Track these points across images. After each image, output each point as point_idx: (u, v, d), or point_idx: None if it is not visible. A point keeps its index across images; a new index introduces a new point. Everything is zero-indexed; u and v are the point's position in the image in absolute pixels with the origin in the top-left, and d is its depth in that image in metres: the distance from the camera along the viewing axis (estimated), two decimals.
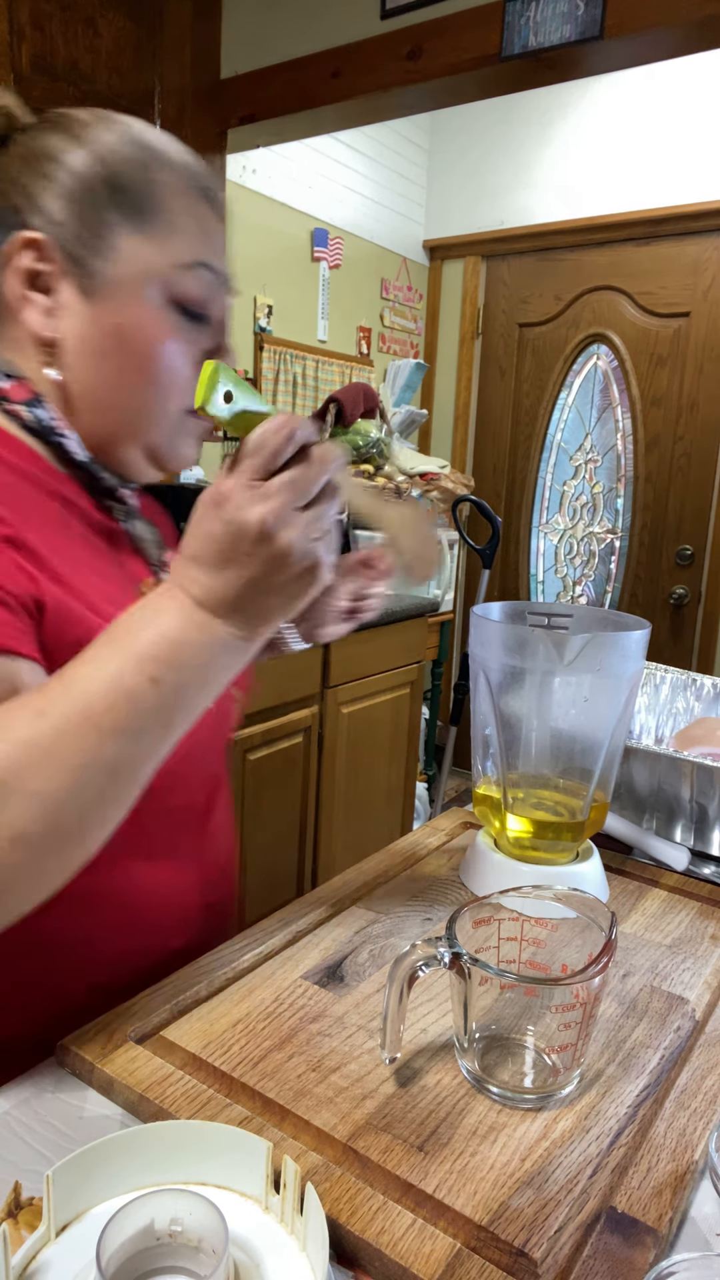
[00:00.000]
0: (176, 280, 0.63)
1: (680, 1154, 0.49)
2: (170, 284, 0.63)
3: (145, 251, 0.63)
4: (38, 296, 0.63)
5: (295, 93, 2.06)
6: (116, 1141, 0.44)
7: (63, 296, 0.63)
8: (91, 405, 0.65)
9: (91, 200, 0.62)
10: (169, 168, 0.64)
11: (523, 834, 0.75)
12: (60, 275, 0.62)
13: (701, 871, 0.87)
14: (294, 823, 2.15)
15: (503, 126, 3.13)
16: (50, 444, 0.65)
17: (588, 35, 1.68)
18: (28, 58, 1.72)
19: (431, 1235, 0.43)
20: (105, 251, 0.62)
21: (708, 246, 2.85)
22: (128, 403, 0.65)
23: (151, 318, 0.63)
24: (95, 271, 0.62)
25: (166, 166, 0.64)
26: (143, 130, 0.65)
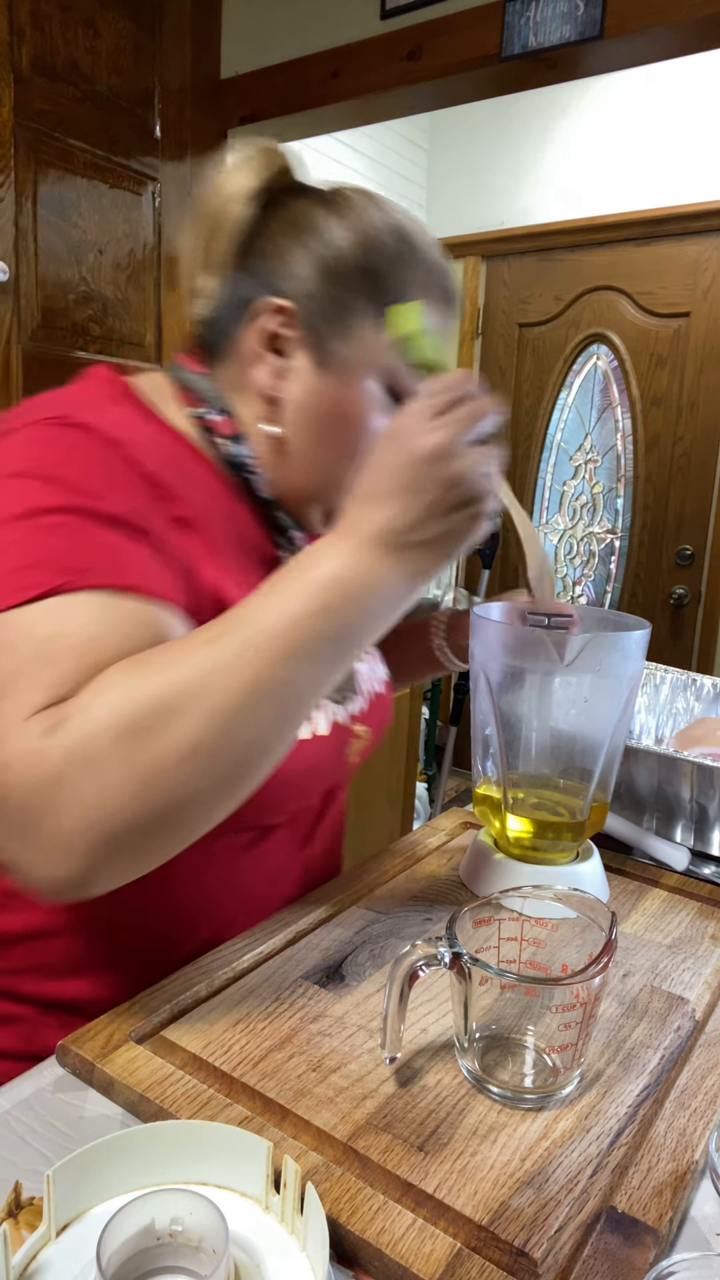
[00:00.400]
0: (399, 373, 0.68)
1: (680, 1154, 0.49)
2: (393, 374, 0.68)
3: (381, 341, 0.67)
4: (271, 357, 0.68)
5: (295, 93, 2.07)
6: (117, 1141, 0.44)
7: (295, 363, 0.68)
8: (296, 462, 0.70)
9: (343, 283, 0.66)
10: (421, 267, 0.68)
11: (523, 834, 0.75)
12: (298, 343, 0.67)
13: (701, 871, 0.87)
14: None
15: (503, 126, 3.13)
16: (241, 478, 0.70)
17: (588, 35, 1.68)
18: (28, 58, 1.72)
19: (432, 1235, 0.43)
20: (345, 334, 0.67)
21: (708, 246, 2.85)
22: (327, 469, 0.70)
23: (368, 399, 0.68)
24: (332, 350, 0.67)
25: (420, 265, 0.68)
26: (404, 221, 0.68)
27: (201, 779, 0.48)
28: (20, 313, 1.78)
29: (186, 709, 0.47)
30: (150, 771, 0.47)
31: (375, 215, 0.68)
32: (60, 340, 1.86)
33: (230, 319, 0.69)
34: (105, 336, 1.97)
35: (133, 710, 0.47)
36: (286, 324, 0.67)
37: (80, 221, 1.87)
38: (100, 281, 1.94)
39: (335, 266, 0.66)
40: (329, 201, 0.68)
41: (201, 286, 0.71)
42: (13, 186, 1.73)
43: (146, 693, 0.47)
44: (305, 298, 0.66)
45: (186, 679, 0.48)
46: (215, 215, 0.69)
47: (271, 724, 0.51)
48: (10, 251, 1.75)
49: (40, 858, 0.47)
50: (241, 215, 0.68)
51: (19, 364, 1.77)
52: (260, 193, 0.68)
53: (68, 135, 1.82)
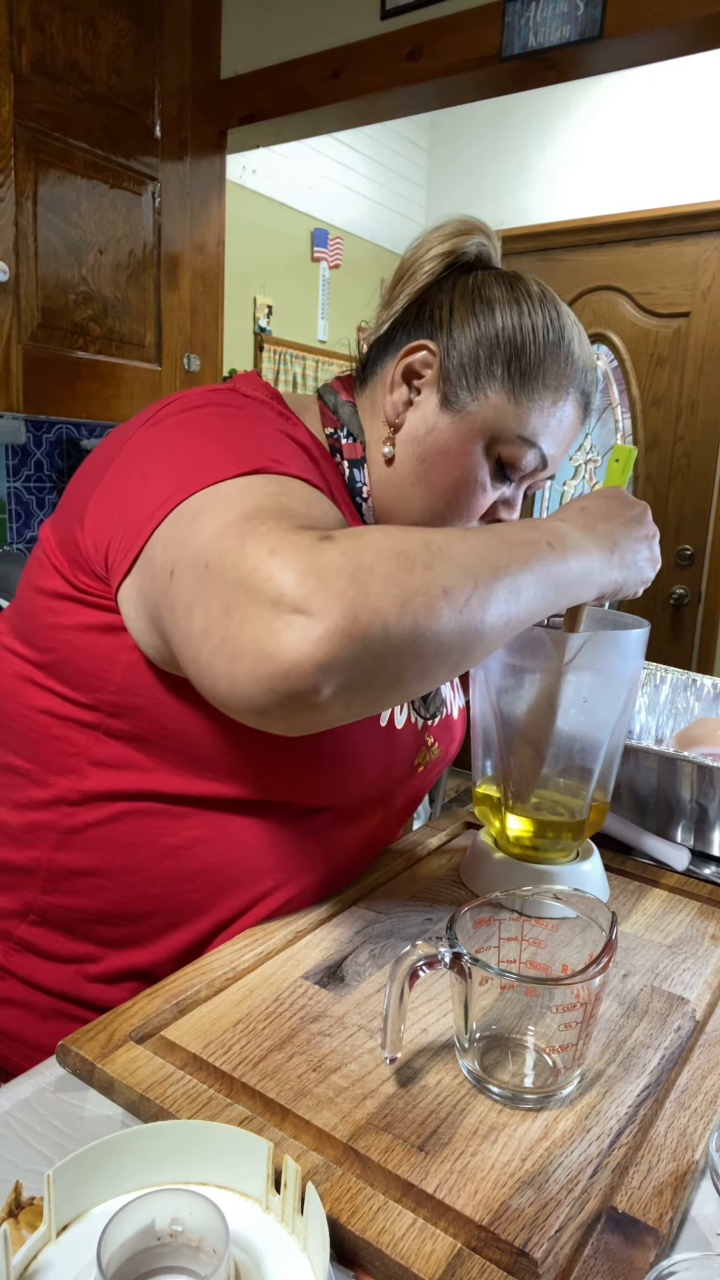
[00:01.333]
0: (509, 444, 0.73)
1: (681, 1154, 0.49)
2: (503, 443, 0.73)
3: (505, 409, 0.73)
4: (404, 388, 0.75)
5: (295, 93, 2.06)
6: (117, 1141, 0.44)
7: (423, 398, 0.75)
8: (395, 491, 0.76)
9: (490, 348, 0.73)
10: (569, 364, 0.74)
11: (523, 833, 0.75)
12: (431, 382, 0.74)
13: (701, 871, 0.87)
14: None
15: (503, 126, 3.13)
16: (354, 502, 0.77)
17: (588, 35, 1.68)
18: (28, 58, 1.72)
19: (432, 1235, 0.43)
20: (475, 390, 0.73)
21: (708, 246, 2.85)
22: (421, 504, 0.75)
23: (472, 454, 0.74)
24: (458, 398, 0.73)
25: (567, 362, 0.74)
26: (568, 324, 0.75)
27: (445, 623, 0.51)
28: (20, 313, 1.78)
29: (446, 557, 0.52)
30: (410, 592, 0.49)
31: (542, 305, 0.74)
32: (60, 340, 1.86)
33: (383, 352, 0.78)
34: (105, 336, 1.97)
35: (402, 544, 0.51)
36: (427, 363, 0.74)
37: (80, 221, 1.87)
38: (100, 281, 1.94)
39: (489, 333, 0.73)
40: (509, 280, 0.75)
41: (375, 325, 0.79)
42: (13, 186, 1.73)
43: (414, 538, 0.52)
44: (451, 347, 0.73)
45: (444, 540, 0.54)
46: (409, 265, 0.77)
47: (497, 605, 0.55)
48: (10, 251, 1.74)
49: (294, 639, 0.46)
50: (429, 270, 0.76)
51: (19, 364, 1.77)
52: (453, 255, 0.76)
53: (68, 135, 1.82)
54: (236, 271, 2.52)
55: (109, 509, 0.63)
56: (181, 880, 0.69)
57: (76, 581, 0.66)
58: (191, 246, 2.12)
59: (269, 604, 0.47)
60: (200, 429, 0.63)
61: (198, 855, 0.69)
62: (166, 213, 2.06)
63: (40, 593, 0.69)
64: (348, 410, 0.78)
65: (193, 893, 0.69)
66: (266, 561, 0.48)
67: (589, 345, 0.78)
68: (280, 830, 0.71)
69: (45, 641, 0.68)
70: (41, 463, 2.24)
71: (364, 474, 0.76)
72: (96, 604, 0.65)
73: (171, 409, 0.66)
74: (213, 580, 0.50)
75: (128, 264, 2.00)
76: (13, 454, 2.18)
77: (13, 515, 2.20)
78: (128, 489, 0.63)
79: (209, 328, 2.21)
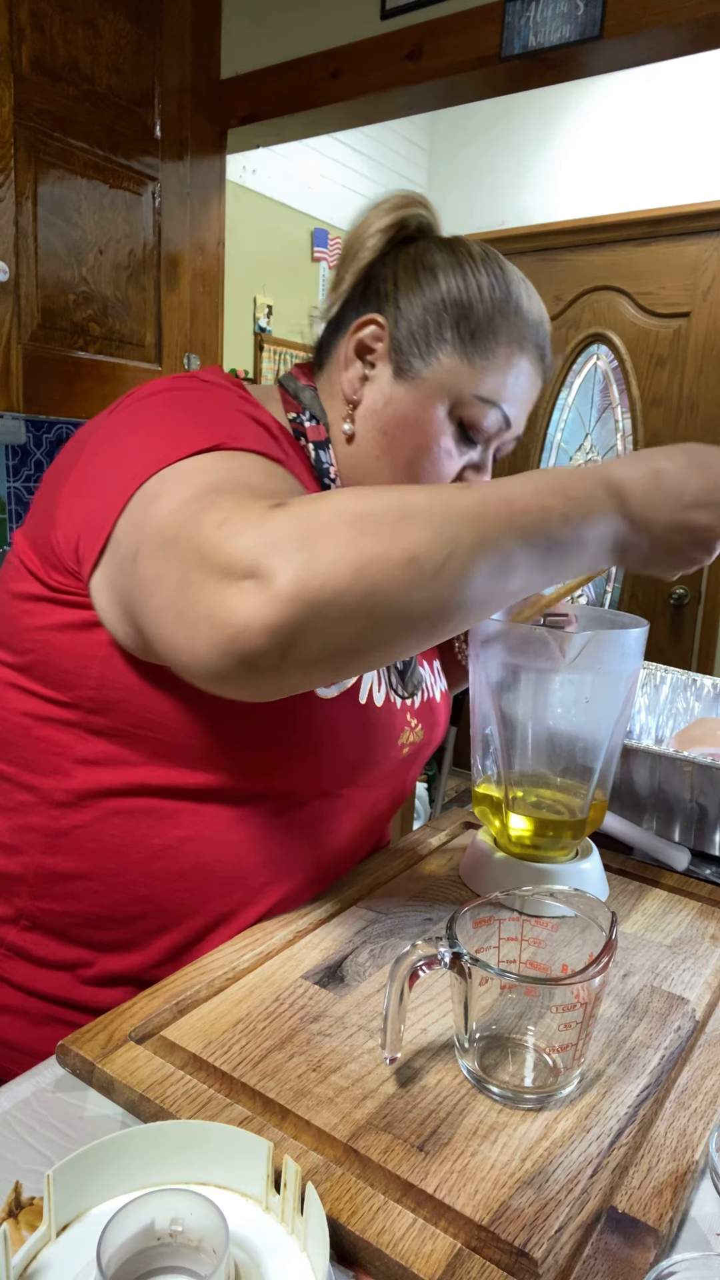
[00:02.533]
0: (469, 406, 0.73)
1: (680, 1154, 0.49)
2: (463, 406, 0.73)
3: (459, 371, 0.72)
4: (358, 363, 0.75)
5: (295, 93, 2.06)
6: (117, 1141, 0.44)
7: (377, 371, 0.75)
8: (360, 465, 0.76)
9: (439, 315, 0.72)
10: (519, 319, 0.74)
11: (524, 833, 0.75)
12: (384, 356, 0.74)
13: (701, 871, 0.87)
14: None
15: (502, 126, 3.13)
16: (322, 484, 0.76)
17: (588, 35, 1.68)
18: (28, 58, 1.72)
19: (432, 1235, 0.43)
20: (428, 356, 0.73)
21: (708, 246, 2.85)
22: (384, 475, 0.75)
23: (432, 420, 0.73)
24: (412, 366, 0.73)
25: (516, 317, 0.74)
26: (514, 280, 0.75)
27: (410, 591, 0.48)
28: (20, 313, 1.78)
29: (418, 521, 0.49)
30: (369, 558, 0.47)
31: (484, 263, 0.74)
32: (60, 340, 1.86)
33: (336, 334, 0.78)
34: (105, 336, 1.97)
35: (368, 505, 0.49)
36: (377, 337, 0.74)
37: (80, 221, 1.87)
38: (100, 281, 1.94)
39: (434, 298, 0.73)
40: (449, 245, 0.75)
41: (325, 308, 0.80)
42: (13, 186, 1.73)
43: (382, 500, 0.50)
44: (399, 317, 0.73)
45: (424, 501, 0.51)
46: (353, 244, 0.77)
47: (479, 578, 0.51)
48: (10, 251, 1.74)
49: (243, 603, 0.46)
50: (372, 247, 0.76)
51: (19, 364, 1.77)
52: (392, 231, 0.76)
53: (68, 135, 1.82)
54: (236, 271, 2.52)
55: (76, 503, 0.64)
56: (171, 880, 0.69)
57: (50, 581, 0.66)
58: (191, 246, 2.12)
59: (220, 572, 0.48)
60: (155, 414, 0.64)
61: (186, 854, 0.68)
62: (166, 213, 2.06)
63: (15, 596, 0.69)
64: (309, 394, 0.78)
65: (183, 892, 0.69)
66: (216, 531, 0.49)
67: (538, 299, 0.77)
68: (268, 825, 0.71)
69: (22, 644, 0.68)
70: (41, 463, 2.23)
71: (329, 454, 0.76)
72: (71, 602, 0.65)
73: (130, 398, 0.67)
74: (170, 556, 0.51)
75: (128, 264, 2.00)
76: (13, 454, 2.18)
77: (12, 515, 2.20)
78: (92, 481, 0.64)
79: (209, 328, 2.21)
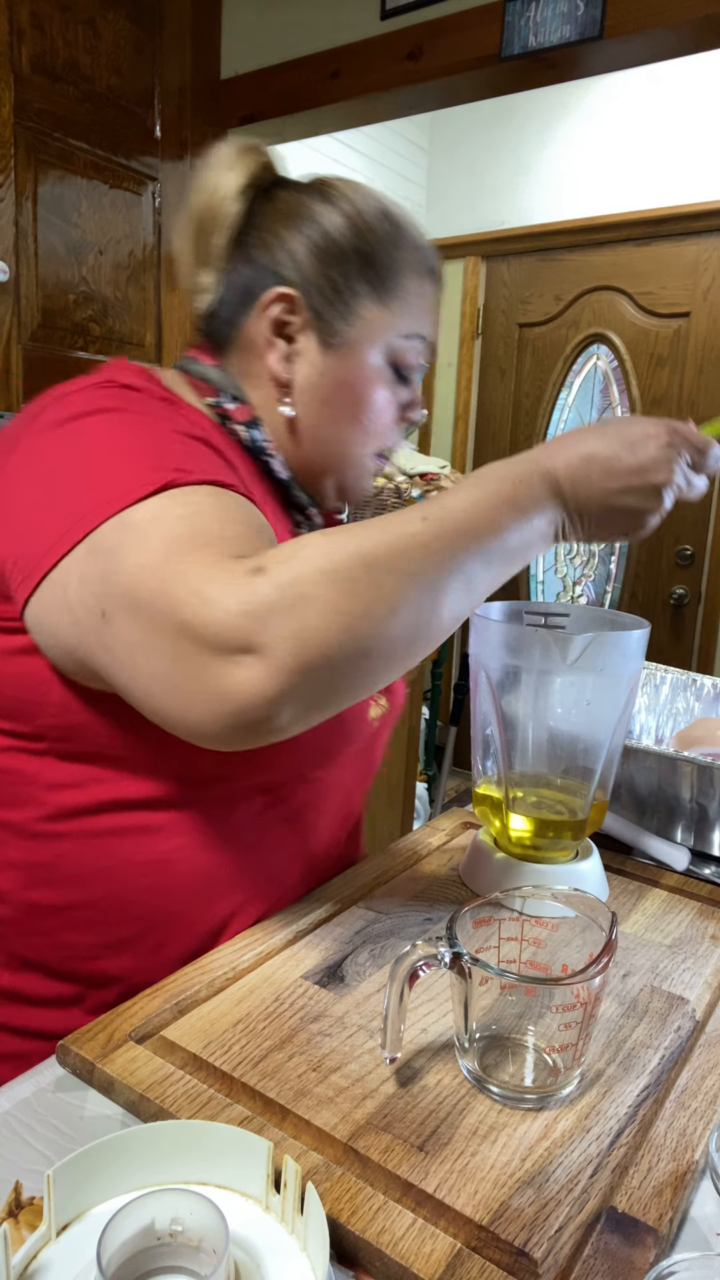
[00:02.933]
0: (399, 347, 0.73)
1: (680, 1154, 0.49)
2: (393, 350, 0.73)
3: (381, 319, 0.72)
4: (280, 343, 0.72)
5: (295, 93, 2.07)
6: (117, 1141, 0.44)
7: (302, 346, 0.72)
8: (309, 439, 0.74)
9: (341, 266, 0.70)
10: (410, 247, 0.72)
11: (524, 833, 0.75)
12: (304, 328, 0.71)
13: (701, 871, 0.87)
14: None
15: (503, 126, 3.13)
16: (259, 461, 0.74)
17: (587, 35, 1.68)
18: (28, 58, 1.72)
19: (432, 1235, 0.43)
20: (348, 315, 0.71)
21: (708, 246, 2.85)
22: (338, 443, 0.74)
23: (372, 375, 0.73)
24: (337, 331, 0.71)
25: (409, 245, 0.72)
26: (390, 205, 0.73)
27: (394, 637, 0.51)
28: (20, 313, 1.78)
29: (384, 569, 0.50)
30: (354, 618, 0.49)
31: (363, 201, 0.72)
32: (60, 340, 1.86)
33: (235, 310, 0.73)
34: (105, 336, 1.97)
35: (335, 562, 0.49)
36: (291, 310, 0.71)
37: (80, 221, 1.87)
38: (100, 281, 1.94)
39: (332, 251, 0.70)
40: (318, 190, 0.72)
41: (201, 283, 0.74)
42: (13, 186, 1.73)
43: (350, 549, 0.50)
44: (306, 284, 0.70)
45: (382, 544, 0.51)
46: (207, 213, 0.72)
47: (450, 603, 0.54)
48: (10, 251, 1.75)
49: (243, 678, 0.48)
50: (234, 211, 0.71)
51: (19, 364, 1.78)
52: (249, 189, 0.72)
53: (68, 135, 1.82)
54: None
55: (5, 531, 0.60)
56: (166, 893, 0.67)
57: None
58: None
59: (213, 648, 0.48)
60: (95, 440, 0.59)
61: (178, 864, 0.67)
62: (166, 213, 2.06)
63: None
64: (219, 375, 0.73)
65: (180, 904, 0.67)
66: (197, 605, 0.48)
67: (409, 212, 0.75)
68: (255, 822, 0.70)
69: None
70: None
71: (262, 431, 0.73)
72: (7, 628, 0.61)
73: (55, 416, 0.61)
74: (151, 626, 0.50)
75: (128, 264, 2.00)
76: None
77: None
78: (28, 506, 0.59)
79: None
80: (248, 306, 0.72)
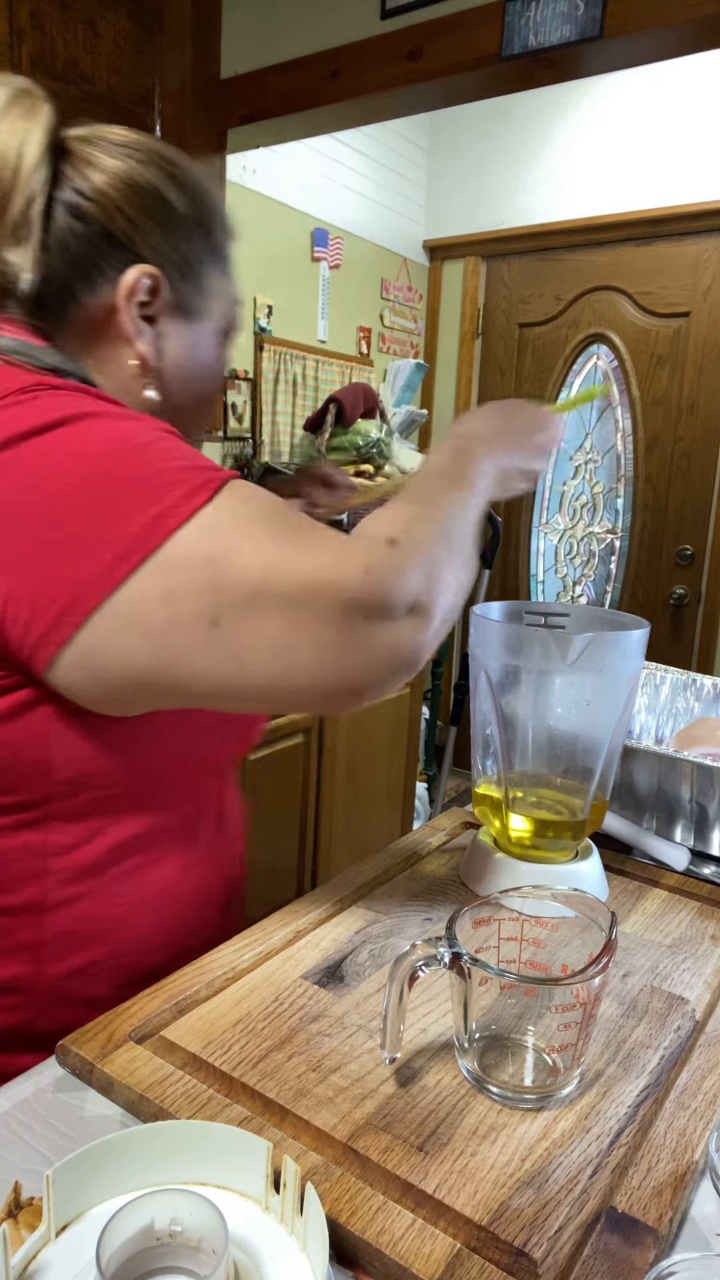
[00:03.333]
0: (232, 313, 0.74)
1: (680, 1154, 0.49)
2: (228, 316, 0.74)
3: (222, 287, 0.72)
4: (145, 327, 0.68)
5: (295, 93, 2.06)
6: (116, 1141, 0.44)
7: (164, 327, 0.69)
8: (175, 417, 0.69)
9: (190, 239, 0.68)
10: (221, 208, 0.72)
11: (524, 833, 0.75)
12: (164, 308, 0.68)
13: (701, 871, 0.87)
14: (294, 823, 2.15)
15: (503, 126, 3.13)
16: None
17: (588, 35, 1.68)
18: (28, 58, 1.72)
19: (431, 1235, 0.43)
20: (202, 290, 0.70)
21: (708, 246, 2.85)
22: (196, 413, 0.74)
23: (217, 346, 0.74)
24: (195, 307, 0.70)
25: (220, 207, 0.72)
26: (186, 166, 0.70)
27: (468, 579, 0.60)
28: None
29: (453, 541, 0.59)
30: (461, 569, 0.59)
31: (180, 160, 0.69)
32: None
33: (76, 288, 0.65)
34: None
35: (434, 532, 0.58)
36: (151, 290, 0.67)
37: None
38: None
39: (177, 221, 0.68)
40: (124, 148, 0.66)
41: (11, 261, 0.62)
42: None
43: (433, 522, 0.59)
44: (164, 260, 0.67)
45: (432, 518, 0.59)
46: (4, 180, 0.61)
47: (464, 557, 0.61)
48: None
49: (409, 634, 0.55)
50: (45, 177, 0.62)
51: None
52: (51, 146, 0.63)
53: None
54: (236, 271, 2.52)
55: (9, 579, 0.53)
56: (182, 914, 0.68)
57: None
58: None
59: (386, 616, 0.54)
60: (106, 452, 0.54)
61: (175, 889, 0.67)
62: None
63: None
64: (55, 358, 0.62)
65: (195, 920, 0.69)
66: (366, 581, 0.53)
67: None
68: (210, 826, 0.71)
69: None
70: None
71: None
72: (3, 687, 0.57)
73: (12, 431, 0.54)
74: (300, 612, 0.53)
75: None
76: None
77: None
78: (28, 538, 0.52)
79: None
80: (90, 285, 0.65)
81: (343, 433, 2.65)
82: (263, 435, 2.72)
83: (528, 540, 3.36)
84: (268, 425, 2.74)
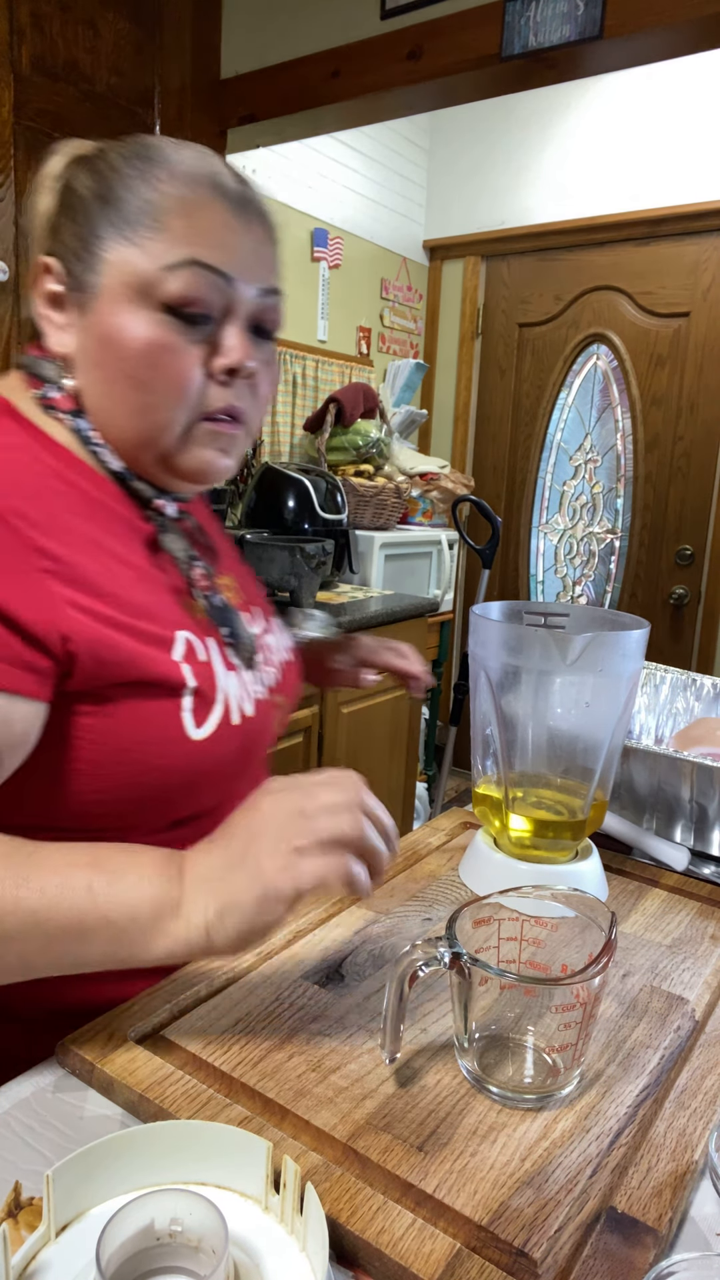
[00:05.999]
0: (162, 283, 0.63)
1: (680, 1154, 0.49)
2: (155, 288, 0.63)
3: (131, 258, 0.63)
4: (53, 314, 0.67)
5: (295, 93, 2.06)
6: (116, 1141, 0.44)
7: (69, 315, 0.67)
8: (100, 414, 0.67)
9: (86, 218, 0.65)
10: (165, 171, 0.64)
11: (524, 833, 0.75)
12: (67, 293, 0.66)
13: (701, 871, 0.87)
14: None
15: (503, 126, 3.13)
16: (91, 452, 0.68)
17: (588, 35, 1.68)
18: (28, 58, 1.72)
19: (431, 1235, 0.43)
20: (95, 265, 0.64)
21: (708, 246, 2.85)
22: (126, 409, 0.66)
23: (138, 323, 0.64)
24: (88, 285, 0.65)
25: (162, 170, 0.64)
26: (147, 143, 0.66)
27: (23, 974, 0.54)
28: (20, 313, 1.78)
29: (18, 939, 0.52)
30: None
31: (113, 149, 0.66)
32: None
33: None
34: None
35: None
36: (54, 279, 0.67)
37: None
38: None
39: (72, 203, 0.65)
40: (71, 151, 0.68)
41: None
42: (13, 186, 1.73)
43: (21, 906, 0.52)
44: (62, 248, 0.66)
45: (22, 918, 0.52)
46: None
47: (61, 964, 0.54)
48: (10, 251, 1.74)
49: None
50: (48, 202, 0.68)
51: None
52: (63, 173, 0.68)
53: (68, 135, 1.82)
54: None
55: None
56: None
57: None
58: None
59: None
60: None
61: None
62: None
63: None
64: (40, 364, 0.69)
65: None
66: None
67: (178, 143, 0.67)
68: None
69: None
70: None
71: (87, 420, 0.67)
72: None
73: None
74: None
75: None
76: None
77: None
78: None
79: None
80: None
81: (342, 433, 2.65)
82: (262, 435, 2.73)
83: (527, 540, 3.36)
84: (267, 425, 2.74)
